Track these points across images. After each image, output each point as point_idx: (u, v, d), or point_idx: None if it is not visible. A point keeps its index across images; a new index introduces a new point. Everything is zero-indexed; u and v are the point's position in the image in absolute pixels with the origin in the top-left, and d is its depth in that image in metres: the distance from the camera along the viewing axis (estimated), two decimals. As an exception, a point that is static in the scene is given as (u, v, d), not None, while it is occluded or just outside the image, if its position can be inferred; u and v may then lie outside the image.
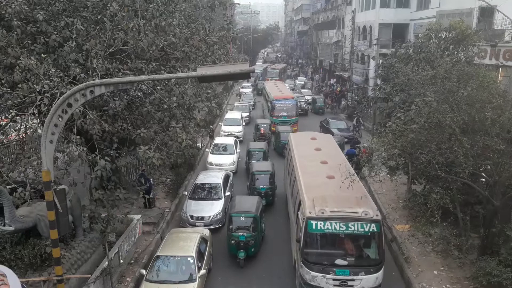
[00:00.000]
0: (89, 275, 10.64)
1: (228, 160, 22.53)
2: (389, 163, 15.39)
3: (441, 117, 11.88)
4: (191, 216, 15.88)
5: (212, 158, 22.72)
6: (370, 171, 14.19)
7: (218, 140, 24.61)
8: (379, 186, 17.29)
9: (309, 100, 41.31)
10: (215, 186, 17.47)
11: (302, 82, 55.47)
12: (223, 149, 23.42)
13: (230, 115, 32.15)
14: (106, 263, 11.16)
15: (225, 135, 28.03)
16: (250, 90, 49.04)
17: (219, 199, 16.87)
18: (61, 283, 7.68)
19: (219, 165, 21.92)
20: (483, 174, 12.50)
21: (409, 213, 15.24)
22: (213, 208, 16.26)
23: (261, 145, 23.26)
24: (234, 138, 25.73)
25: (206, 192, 17.31)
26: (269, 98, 32.75)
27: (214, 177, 18.13)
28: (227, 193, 17.52)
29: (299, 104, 33.74)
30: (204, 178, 18.18)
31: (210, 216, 15.90)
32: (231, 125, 30.03)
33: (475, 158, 11.68)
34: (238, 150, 24.10)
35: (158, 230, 15.38)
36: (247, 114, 35.65)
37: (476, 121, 11.99)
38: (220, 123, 30.93)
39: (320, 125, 31.14)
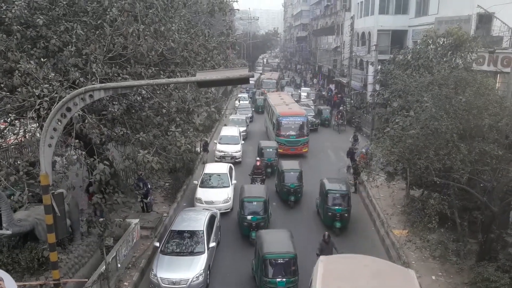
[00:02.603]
0: (87, 279, 10.62)
1: (221, 196, 18.09)
2: (387, 168, 15.43)
3: (437, 124, 11.94)
4: (163, 279, 12.15)
5: (202, 193, 18.18)
6: (368, 177, 14.25)
7: (209, 169, 19.93)
8: (377, 191, 17.35)
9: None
10: (195, 235, 13.59)
11: (306, 94, 48.46)
12: (215, 181, 18.94)
13: (226, 131, 27.29)
14: (104, 267, 11.14)
15: (221, 155, 24.66)
16: (248, 101, 43.74)
17: (200, 253, 13.00)
18: (58, 287, 7.67)
19: (210, 203, 17.59)
20: (480, 179, 12.54)
21: (407, 219, 15.25)
22: (192, 267, 12.48)
23: (259, 191, 16.74)
24: (229, 164, 20.88)
25: (183, 243, 13.45)
26: (274, 114, 27.94)
27: (195, 221, 14.27)
28: (212, 244, 13.60)
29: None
30: (182, 221, 14.35)
31: (188, 280, 12.14)
32: (228, 144, 25.52)
33: (472, 164, 11.72)
34: (233, 181, 19.57)
35: (156, 234, 15.36)
36: (244, 128, 31.07)
37: (474, 127, 12.05)
38: (215, 141, 26.60)
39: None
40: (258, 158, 21.04)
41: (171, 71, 12.49)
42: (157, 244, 13.85)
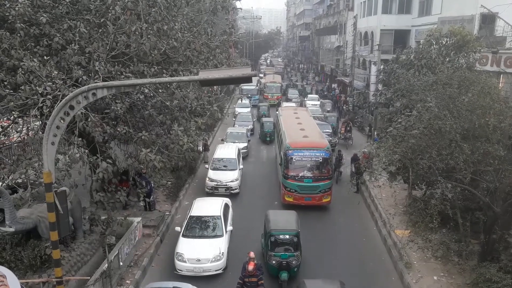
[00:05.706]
0: (89, 277, 10.64)
1: (210, 252, 12.87)
2: (389, 168, 15.39)
3: (441, 124, 11.92)
4: None
5: (185, 246, 13.13)
6: (370, 176, 14.23)
7: (196, 209, 14.80)
8: (379, 191, 17.32)
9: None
10: None
11: (315, 103, 39.32)
12: (203, 228, 14.04)
13: (221, 152, 21.44)
14: (106, 265, 11.16)
15: (212, 186, 19.23)
16: (248, 109, 36.95)
17: None
18: (60, 284, 7.67)
19: (194, 261, 12.69)
20: (483, 180, 12.51)
21: (409, 219, 15.22)
22: None
23: None
24: (224, 201, 15.52)
25: None
26: (283, 144, 19.39)
27: None
28: None
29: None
30: None
31: None
32: (222, 170, 19.91)
33: (475, 164, 11.69)
34: (229, 227, 14.52)
35: (158, 233, 15.37)
36: (245, 144, 25.55)
37: (477, 127, 12.03)
38: (206, 166, 21.20)
39: None
40: (252, 256, 11.02)
41: (173, 70, 12.50)
42: None
